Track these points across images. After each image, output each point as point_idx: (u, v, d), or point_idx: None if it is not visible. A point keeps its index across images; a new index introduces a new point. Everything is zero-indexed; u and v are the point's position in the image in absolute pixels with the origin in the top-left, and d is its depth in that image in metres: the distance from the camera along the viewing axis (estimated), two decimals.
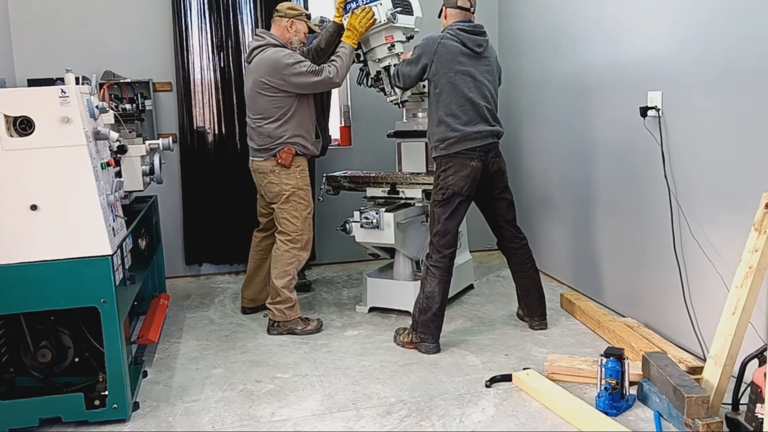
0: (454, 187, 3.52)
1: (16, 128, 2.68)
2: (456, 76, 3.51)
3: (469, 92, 3.53)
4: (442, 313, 3.58)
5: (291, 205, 3.85)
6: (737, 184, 3.02)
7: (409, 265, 4.19)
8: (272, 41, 3.82)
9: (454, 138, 3.50)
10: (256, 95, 3.80)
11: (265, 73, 3.74)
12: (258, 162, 3.90)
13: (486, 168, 3.58)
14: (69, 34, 4.81)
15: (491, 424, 2.79)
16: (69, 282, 2.70)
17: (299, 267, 3.97)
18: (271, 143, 3.82)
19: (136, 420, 2.91)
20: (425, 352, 3.53)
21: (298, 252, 3.90)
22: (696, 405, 2.53)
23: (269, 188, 3.88)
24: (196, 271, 5.30)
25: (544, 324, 3.83)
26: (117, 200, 2.95)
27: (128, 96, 4.76)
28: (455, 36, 3.54)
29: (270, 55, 3.74)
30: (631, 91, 3.72)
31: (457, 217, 3.60)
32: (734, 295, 2.68)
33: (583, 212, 4.40)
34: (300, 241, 3.89)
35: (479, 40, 3.59)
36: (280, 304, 3.86)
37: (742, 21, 2.95)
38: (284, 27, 3.89)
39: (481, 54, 3.59)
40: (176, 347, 3.77)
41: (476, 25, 3.63)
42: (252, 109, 3.88)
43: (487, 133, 3.56)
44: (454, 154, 3.51)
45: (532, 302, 3.84)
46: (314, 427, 2.81)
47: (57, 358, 2.89)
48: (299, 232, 3.87)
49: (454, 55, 3.51)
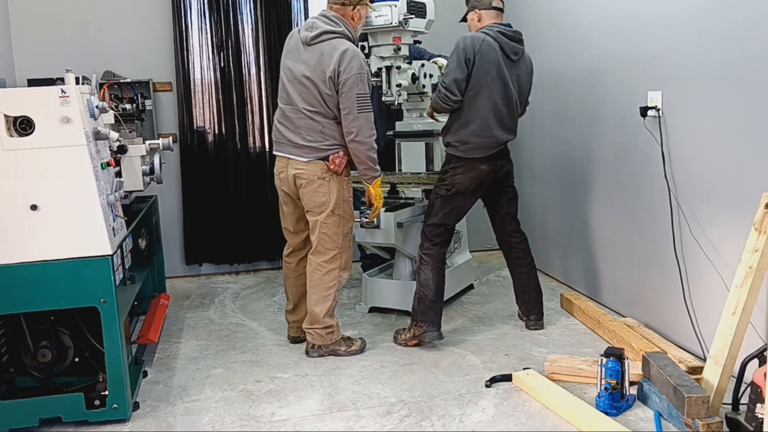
0: (460, 186, 3.53)
1: (16, 128, 2.68)
2: (492, 82, 3.47)
3: (499, 99, 3.51)
4: (439, 300, 3.58)
5: (335, 220, 3.37)
6: (737, 184, 3.02)
7: (409, 265, 4.19)
8: (347, 33, 3.33)
9: (475, 144, 3.50)
10: (313, 85, 3.28)
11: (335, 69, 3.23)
12: (300, 164, 3.34)
13: (495, 173, 3.60)
14: (69, 34, 4.81)
15: (491, 424, 2.79)
16: (69, 282, 2.70)
17: (340, 288, 3.51)
18: (324, 142, 3.32)
19: (136, 420, 2.90)
20: (429, 341, 3.53)
21: (339, 273, 3.44)
22: (696, 405, 2.53)
23: (313, 197, 3.34)
24: (196, 271, 5.30)
25: (540, 323, 3.82)
26: (117, 200, 2.94)
27: (128, 96, 4.76)
28: (496, 39, 3.48)
29: (350, 55, 3.24)
30: (631, 91, 3.73)
31: (456, 213, 3.61)
32: (734, 295, 2.68)
33: (583, 212, 4.40)
34: (339, 260, 3.42)
35: (517, 47, 3.55)
36: (321, 330, 3.47)
37: (742, 21, 2.95)
38: (350, 17, 3.37)
39: (516, 62, 3.56)
40: (176, 347, 3.77)
41: (516, 31, 3.58)
42: (303, 98, 3.32)
43: (502, 141, 3.58)
44: (470, 158, 3.52)
45: (530, 299, 3.82)
46: (314, 427, 2.81)
47: (57, 358, 2.89)
48: (339, 250, 3.41)
49: (493, 59, 3.46)
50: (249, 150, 5.11)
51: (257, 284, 4.98)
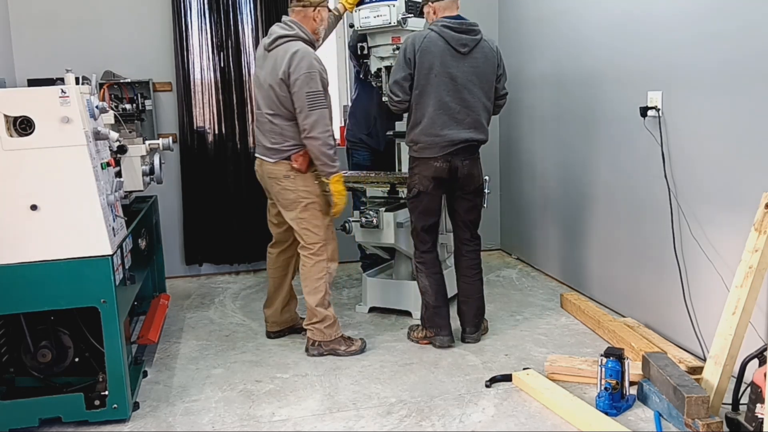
0: (420, 186, 3.52)
1: (16, 128, 2.68)
2: (436, 79, 3.38)
3: (447, 96, 3.40)
4: (442, 304, 3.60)
5: (311, 213, 3.51)
6: (737, 184, 3.02)
7: (409, 265, 4.19)
8: (302, 34, 3.43)
9: (425, 143, 3.45)
10: (270, 89, 3.42)
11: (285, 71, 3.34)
12: (269, 165, 3.52)
13: (453, 171, 3.48)
14: (69, 34, 4.81)
15: (491, 424, 2.79)
16: (69, 282, 2.70)
17: (331, 280, 3.60)
18: (284, 143, 3.45)
19: (136, 420, 2.90)
20: (439, 345, 3.57)
21: (327, 264, 3.55)
22: (696, 405, 2.53)
23: (284, 195, 3.51)
24: (196, 271, 5.30)
25: (475, 337, 3.65)
26: (117, 200, 2.95)
27: (128, 96, 4.76)
28: (440, 33, 3.38)
29: (301, 56, 3.33)
30: (631, 91, 3.73)
31: (426, 214, 3.57)
32: (734, 295, 2.68)
33: (583, 212, 4.40)
34: (326, 251, 3.54)
35: (464, 39, 3.40)
36: (318, 324, 3.53)
37: (742, 21, 2.95)
38: (311, 17, 3.47)
39: (468, 54, 3.42)
40: (176, 347, 3.77)
41: (464, 23, 3.43)
42: (264, 103, 3.48)
43: (458, 139, 3.43)
44: (424, 157, 3.47)
45: (469, 311, 3.67)
46: (314, 427, 2.81)
47: (57, 358, 2.89)
48: (323, 242, 3.53)
49: (435, 55, 3.36)
50: (249, 150, 5.11)
51: (257, 284, 4.98)
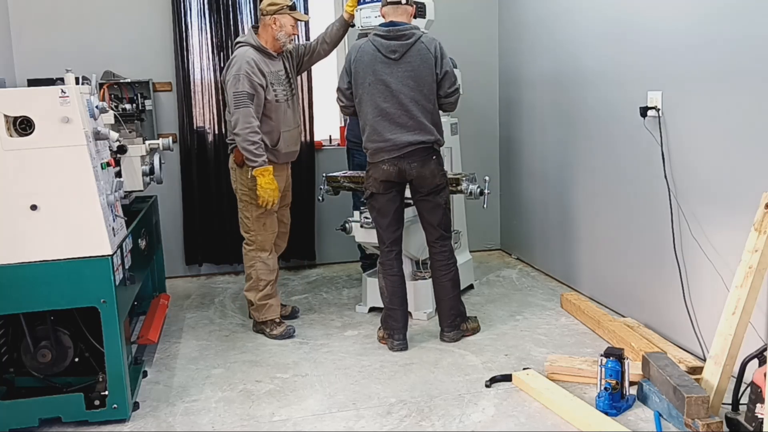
0: (372, 188, 3.59)
1: (16, 128, 2.68)
2: (370, 87, 3.46)
3: (384, 102, 3.45)
4: (395, 306, 3.62)
5: (243, 205, 3.84)
6: (737, 184, 3.02)
7: (409, 265, 4.19)
8: (251, 40, 3.72)
9: (372, 149, 3.54)
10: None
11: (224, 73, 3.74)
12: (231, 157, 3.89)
13: (401, 173, 3.51)
14: (69, 34, 4.81)
15: (491, 424, 2.79)
16: (69, 282, 2.70)
17: (265, 271, 3.85)
18: (230, 138, 3.77)
19: (136, 420, 2.91)
20: (390, 348, 3.59)
21: (256, 254, 3.85)
22: (696, 405, 2.54)
23: (233, 186, 3.90)
24: (196, 271, 5.30)
25: (452, 336, 3.67)
26: (117, 200, 2.95)
27: (128, 96, 4.75)
28: (373, 42, 3.46)
29: (236, 59, 3.64)
30: (631, 91, 3.73)
31: (381, 215, 3.62)
32: (734, 295, 2.68)
33: (583, 212, 4.40)
34: (255, 242, 3.85)
35: (393, 45, 3.41)
36: (250, 306, 3.94)
37: (743, 21, 2.95)
38: (269, 25, 3.72)
39: (399, 60, 3.42)
40: (176, 347, 3.77)
41: (394, 29, 3.44)
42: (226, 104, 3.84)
43: (403, 143, 3.45)
44: (375, 161, 3.54)
45: (442, 311, 3.71)
46: (314, 427, 2.81)
47: (57, 358, 2.88)
48: (253, 233, 3.84)
49: (368, 64, 3.45)
50: None
51: None
